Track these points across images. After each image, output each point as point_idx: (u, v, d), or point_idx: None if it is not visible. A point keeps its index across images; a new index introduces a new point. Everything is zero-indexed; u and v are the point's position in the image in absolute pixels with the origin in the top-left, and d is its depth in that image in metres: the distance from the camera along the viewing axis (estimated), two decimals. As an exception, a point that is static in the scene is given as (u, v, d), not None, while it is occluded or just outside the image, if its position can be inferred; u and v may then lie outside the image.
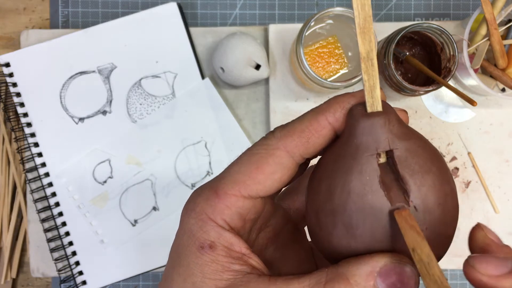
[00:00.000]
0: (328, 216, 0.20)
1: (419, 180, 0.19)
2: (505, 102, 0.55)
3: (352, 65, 0.50)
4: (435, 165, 0.20)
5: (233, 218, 0.21)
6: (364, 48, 0.20)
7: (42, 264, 0.54)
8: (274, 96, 0.54)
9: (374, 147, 0.20)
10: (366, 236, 0.19)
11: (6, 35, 0.57)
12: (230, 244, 0.20)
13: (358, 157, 0.20)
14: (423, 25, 0.46)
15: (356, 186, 0.19)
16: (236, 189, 0.21)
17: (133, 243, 0.54)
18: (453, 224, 0.21)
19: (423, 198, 0.19)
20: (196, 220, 0.21)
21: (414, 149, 0.20)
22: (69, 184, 0.54)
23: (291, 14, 0.57)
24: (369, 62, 0.20)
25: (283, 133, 0.21)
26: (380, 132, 0.20)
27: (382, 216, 0.19)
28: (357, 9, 0.19)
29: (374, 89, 0.20)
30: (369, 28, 0.19)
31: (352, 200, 0.19)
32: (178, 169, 0.54)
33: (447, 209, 0.20)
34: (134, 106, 0.54)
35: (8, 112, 0.54)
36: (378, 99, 0.20)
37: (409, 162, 0.20)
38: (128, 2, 0.56)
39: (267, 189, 0.21)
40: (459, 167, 0.55)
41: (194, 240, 0.21)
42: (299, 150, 0.21)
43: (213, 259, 0.20)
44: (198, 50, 0.55)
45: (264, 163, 0.21)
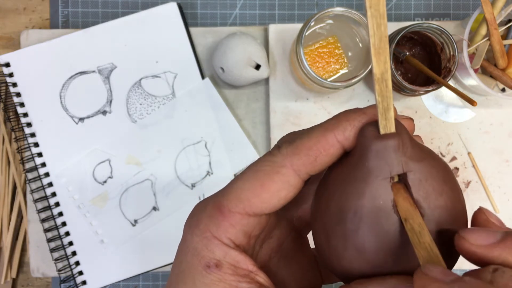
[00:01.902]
0: (339, 239, 0.20)
1: (432, 203, 0.19)
2: (505, 102, 0.55)
3: (352, 65, 0.50)
4: (447, 185, 0.20)
5: (238, 236, 0.20)
6: (378, 69, 0.19)
7: (42, 264, 0.54)
8: (274, 96, 0.54)
9: (388, 171, 0.19)
10: (379, 260, 0.19)
11: (6, 35, 0.57)
12: (236, 262, 0.20)
13: (370, 181, 0.19)
14: (423, 25, 0.46)
15: (370, 211, 0.19)
16: (241, 207, 0.20)
17: (133, 243, 0.54)
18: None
19: (437, 221, 0.19)
20: (200, 238, 0.20)
21: (428, 171, 0.20)
22: (69, 184, 0.54)
23: (291, 14, 0.57)
24: (383, 83, 0.19)
25: (290, 150, 0.20)
26: (394, 155, 0.19)
27: (396, 240, 0.19)
28: (373, 29, 0.19)
29: (388, 111, 0.19)
30: (384, 48, 0.19)
31: (365, 225, 0.19)
32: (178, 169, 0.54)
33: (458, 228, 0.20)
34: (134, 106, 0.54)
35: (8, 112, 0.54)
36: (392, 121, 0.19)
37: (423, 185, 0.19)
38: (128, 2, 0.56)
39: (272, 207, 0.21)
40: (459, 167, 0.55)
41: (199, 258, 0.20)
42: (306, 168, 0.20)
43: (220, 278, 0.20)
44: (198, 50, 0.55)
45: (270, 180, 0.20)
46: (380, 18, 0.18)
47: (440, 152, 0.55)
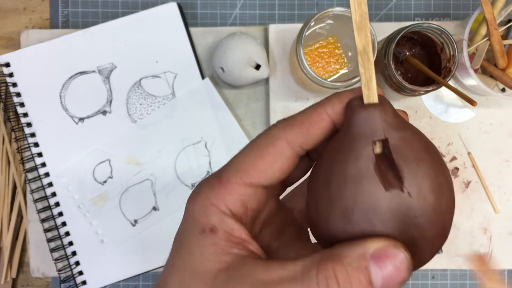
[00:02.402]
0: (326, 202, 0.21)
1: (413, 168, 0.20)
2: (505, 102, 0.55)
3: (352, 65, 0.50)
4: (429, 155, 0.21)
5: (236, 204, 0.21)
6: (360, 43, 0.21)
7: (42, 264, 0.54)
8: (274, 96, 0.54)
9: (370, 136, 0.20)
10: (361, 220, 0.20)
11: (6, 35, 0.57)
12: (231, 230, 0.21)
13: (354, 145, 0.21)
14: (423, 25, 0.46)
15: (352, 173, 0.20)
16: (239, 176, 0.22)
17: (133, 243, 0.54)
18: (448, 215, 0.21)
19: (417, 185, 0.20)
20: (199, 206, 0.22)
21: (409, 139, 0.21)
22: (69, 184, 0.54)
23: (291, 14, 0.57)
24: (365, 56, 0.21)
25: (284, 124, 0.22)
26: (376, 122, 0.21)
27: (376, 201, 0.20)
28: (354, 6, 0.21)
29: (370, 81, 0.21)
30: (365, 24, 0.21)
31: (347, 186, 0.20)
32: (178, 169, 0.54)
33: (441, 199, 0.20)
34: (134, 106, 0.54)
35: (8, 112, 0.54)
36: (374, 91, 0.21)
37: (403, 151, 0.20)
38: (128, 2, 0.56)
39: (268, 177, 0.22)
40: (459, 167, 0.55)
41: (196, 224, 0.21)
42: (299, 140, 0.22)
43: (214, 242, 0.21)
44: (198, 50, 0.55)
45: (265, 152, 0.22)
46: None
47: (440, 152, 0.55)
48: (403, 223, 0.20)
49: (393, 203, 0.19)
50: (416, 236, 0.20)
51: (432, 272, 0.57)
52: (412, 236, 0.20)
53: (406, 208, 0.19)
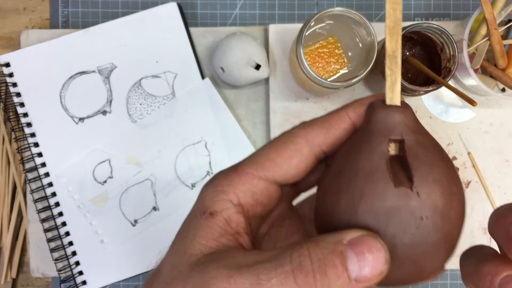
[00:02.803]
0: (334, 193, 0.21)
1: (425, 170, 0.20)
2: (505, 102, 0.55)
3: (352, 65, 0.50)
4: (444, 163, 0.21)
5: (246, 194, 0.22)
6: (390, 47, 0.21)
7: (42, 264, 0.54)
8: (274, 96, 0.54)
9: (387, 134, 0.21)
10: (366, 213, 0.20)
11: (6, 35, 0.57)
12: (229, 219, 0.21)
13: (370, 141, 0.21)
14: (423, 25, 0.46)
15: (364, 165, 0.20)
16: (254, 168, 0.22)
17: (133, 243, 0.54)
18: (457, 225, 0.20)
19: (427, 188, 0.20)
20: (210, 190, 0.22)
21: (425, 144, 0.21)
22: (69, 184, 0.54)
23: (291, 14, 0.57)
24: (394, 59, 0.21)
25: (306, 124, 0.23)
26: (395, 121, 0.21)
27: (384, 195, 0.19)
28: (389, 12, 0.21)
29: (395, 84, 0.21)
30: (398, 30, 0.21)
31: (358, 178, 0.20)
32: (178, 169, 0.54)
33: (451, 207, 0.20)
34: (134, 106, 0.54)
35: (8, 112, 0.54)
36: (398, 94, 0.21)
37: (418, 153, 0.20)
38: (128, 2, 0.56)
39: (284, 173, 0.22)
40: (459, 167, 0.55)
41: (200, 206, 0.22)
42: (318, 139, 0.22)
43: (209, 225, 0.21)
44: (198, 50, 0.55)
45: (284, 147, 0.22)
46: (395, 3, 0.21)
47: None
48: (408, 223, 0.19)
49: (401, 201, 0.19)
50: (418, 239, 0.19)
51: (432, 272, 0.56)
52: (415, 238, 0.19)
53: (413, 208, 0.19)
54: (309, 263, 0.18)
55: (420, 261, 0.20)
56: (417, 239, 0.19)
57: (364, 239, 0.19)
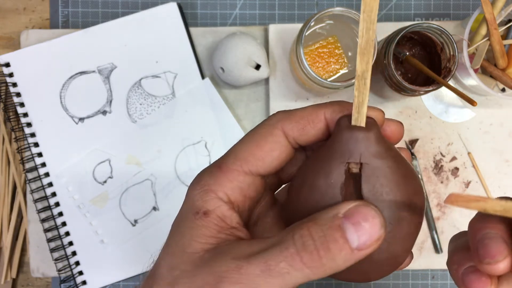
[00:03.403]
0: (296, 205, 0.23)
1: (376, 196, 0.21)
2: (505, 102, 0.55)
3: (352, 65, 0.50)
4: (400, 189, 0.22)
5: (234, 191, 0.22)
6: (360, 68, 0.21)
7: (42, 264, 0.54)
8: (274, 96, 0.54)
9: (347, 157, 0.22)
10: None
11: (6, 35, 0.57)
12: (223, 216, 0.22)
13: (330, 161, 0.22)
14: (423, 25, 0.46)
15: (321, 185, 0.22)
16: (238, 164, 0.23)
17: (133, 243, 0.54)
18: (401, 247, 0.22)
19: None
20: (199, 191, 0.22)
21: (383, 169, 0.22)
22: (69, 184, 0.54)
23: (291, 14, 0.57)
24: (362, 81, 0.21)
25: (284, 116, 0.23)
26: (356, 145, 0.22)
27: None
28: (362, 31, 0.21)
29: (362, 106, 0.22)
30: (369, 51, 0.21)
31: (314, 195, 0.22)
32: (178, 169, 0.54)
33: (397, 231, 0.22)
34: (134, 106, 0.54)
35: (8, 112, 0.54)
36: (363, 116, 0.22)
37: (372, 179, 0.21)
38: (128, 2, 0.56)
39: (267, 166, 0.23)
40: (459, 167, 0.55)
41: (192, 207, 0.22)
42: (293, 133, 0.23)
43: (205, 224, 0.21)
44: (198, 50, 0.55)
45: (264, 141, 0.23)
46: (370, 23, 0.21)
47: (440, 152, 0.55)
48: None
49: None
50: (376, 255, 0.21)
51: (432, 272, 0.57)
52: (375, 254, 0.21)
53: None
54: (312, 242, 0.19)
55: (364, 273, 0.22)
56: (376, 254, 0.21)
57: (358, 209, 0.20)
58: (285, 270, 0.19)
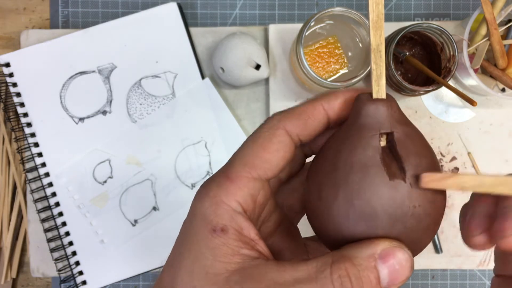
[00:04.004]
0: (330, 188, 0.21)
1: (415, 161, 0.21)
2: (505, 102, 0.55)
3: (352, 65, 0.50)
4: (429, 152, 0.22)
5: (246, 199, 0.22)
6: (375, 41, 0.22)
7: (42, 264, 0.54)
8: (274, 96, 0.54)
9: (377, 128, 0.21)
10: (364, 205, 0.21)
11: (6, 35, 0.57)
12: (240, 228, 0.21)
13: (362, 135, 0.21)
14: (423, 25, 0.46)
15: (359, 160, 0.21)
16: (247, 170, 0.22)
17: (133, 243, 0.54)
18: (441, 210, 0.22)
19: (415, 178, 0.21)
20: (210, 203, 0.21)
21: (412, 135, 0.22)
22: (69, 184, 0.54)
23: (291, 14, 0.57)
24: (378, 53, 0.22)
25: (283, 115, 0.23)
26: (383, 115, 0.22)
27: (380, 189, 0.20)
28: (372, 6, 0.22)
29: (381, 78, 0.22)
30: (381, 24, 0.22)
31: (354, 172, 0.21)
32: (178, 169, 0.54)
33: (437, 193, 0.21)
34: (134, 106, 0.54)
35: (8, 112, 0.54)
36: (383, 87, 0.22)
37: (407, 145, 0.21)
38: (128, 2, 0.56)
39: (274, 168, 0.22)
40: (459, 167, 0.55)
41: (206, 223, 0.21)
42: (296, 130, 0.23)
43: (225, 242, 0.20)
44: (198, 50, 0.55)
45: (268, 142, 0.22)
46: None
47: (440, 152, 0.55)
48: (403, 212, 0.21)
49: (396, 192, 0.20)
50: (413, 226, 0.21)
51: (432, 272, 0.57)
52: (409, 225, 0.21)
53: (407, 198, 0.20)
54: (349, 284, 0.19)
55: (412, 245, 0.21)
56: (411, 226, 0.21)
57: (394, 251, 0.20)
58: None
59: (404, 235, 0.21)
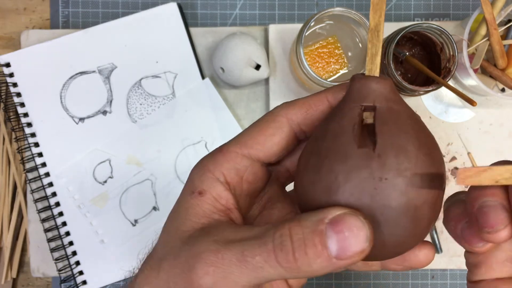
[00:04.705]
0: (307, 153, 0.22)
1: (392, 135, 0.20)
2: (505, 102, 0.55)
3: (352, 65, 0.50)
4: (415, 131, 0.21)
5: (230, 171, 0.23)
6: (373, 21, 0.22)
7: (42, 264, 0.54)
8: (274, 96, 0.54)
9: (360, 101, 0.22)
10: (331, 168, 0.20)
11: (7, 35, 0.57)
12: (218, 196, 0.22)
13: (343, 107, 0.22)
14: (423, 25, 0.46)
15: (333, 129, 0.21)
16: (238, 146, 0.23)
17: (133, 243, 0.54)
18: (425, 193, 0.20)
19: (390, 151, 0.20)
20: (197, 171, 0.23)
21: (399, 111, 0.21)
22: (69, 184, 0.54)
23: (291, 14, 0.57)
24: (375, 33, 0.22)
25: (287, 104, 0.24)
26: (369, 90, 0.22)
27: (347, 154, 0.20)
28: None
29: (376, 56, 0.22)
30: (382, 6, 0.22)
31: (326, 140, 0.21)
32: (178, 169, 0.54)
33: (415, 172, 0.20)
34: (134, 106, 0.54)
35: (8, 112, 0.54)
36: (377, 66, 0.22)
37: (387, 119, 0.21)
38: (128, 2, 0.56)
39: (266, 150, 0.23)
40: (459, 167, 0.55)
41: (189, 186, 0.23)
42: (297, 118, 0.23)
43: (199, 203, 0.22)
44: (198, 50, 0.55)
45: (265, 126, 0.23)
46: None
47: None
48: (367, 183, 0.19)
49: (362, 161, 0.20)
50: (378, 201, 0.19)
51: (432, 272, 0.57)
52: (374, 199, 0.19)
53: (373, 168, 0.20)
54: (289, 242, 0.19)
55: (381, 227, 0.20)
56: (377, 200, 0.19)
57: (344, 217, 0.19)
58: (259, 265, 0.19)
59: (368, 209, 0.19)
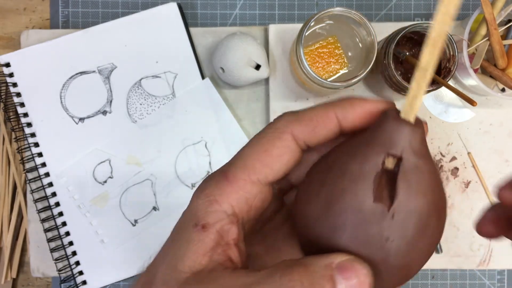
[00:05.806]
0: (317, 186, 0.21)
1: (410, 196, 0.19)
2: (505, 102, 0.55)
3: (352, 65, 0.50)
4: (433, 195, 0.20)
5: (240, 202, 0.21)
6: (425, 59, 0.20)
7: (42, 264, 0.54)
8: (274, 96, 0.54)
9: (387, 147, 0.20)
10: (339, 213, 0.20)
11: (6, 35, 0.57)
12: (222, 231, 0.21)
13: (368, 148, 0.20)
14: (423, 25, 0.46)
15: (354, 170, 0.20)
16: (246, 173, 0.21)
17: (133, 243, 0.54)
18: (419, 258, 0.20)
19: (404, 214, 0.19)
20: (203, 200, 0.21)
21: (423, 171, 0.20)
22: (69, 184, 0.54)
23: (291, 14, 0.57)
24: (424, 73, 0.20)
25: (292, 117, 0.22)
26: (400, 137, 0.20)
27: (361, 205, 0.19)
28: (437, 23, 0.19)
29: (416, 100, 0.20)
30: (440, 44, 0.19)
31: (343, 179, 0.20)
32: (178, 169, 0.54)
33: (421, 239, 0.20)
34: (134, 106, 0.54)
35: (8, 112, 0.54)
36: (415, 111, 0.20)
37: (410, 178, 0.20)
38: (128, 2, 0.56)
39: (275, 173, 0.22)
40: (459, 167, 0.55)
41: (192, 217, 0.21)
42: (304, 136, 0.22)
43: (201, 239, 0.20)
44: (198, 50, 0.55)
45: (272, 145, 0.21)
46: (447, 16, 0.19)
47: (440, 152, 0.55)
48: (373, 240, 0.19)
49: (375, 216, 0.19)
50: (378, 259, 0.19)
51: (432, 272, 0.57)
52: (374, 257, 0.19)
53: (383, 227, 0.19)
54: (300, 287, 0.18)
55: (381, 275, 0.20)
56: (376, 259, 0.19)
57: (353, 264, 0.19)
58: None
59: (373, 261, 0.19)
